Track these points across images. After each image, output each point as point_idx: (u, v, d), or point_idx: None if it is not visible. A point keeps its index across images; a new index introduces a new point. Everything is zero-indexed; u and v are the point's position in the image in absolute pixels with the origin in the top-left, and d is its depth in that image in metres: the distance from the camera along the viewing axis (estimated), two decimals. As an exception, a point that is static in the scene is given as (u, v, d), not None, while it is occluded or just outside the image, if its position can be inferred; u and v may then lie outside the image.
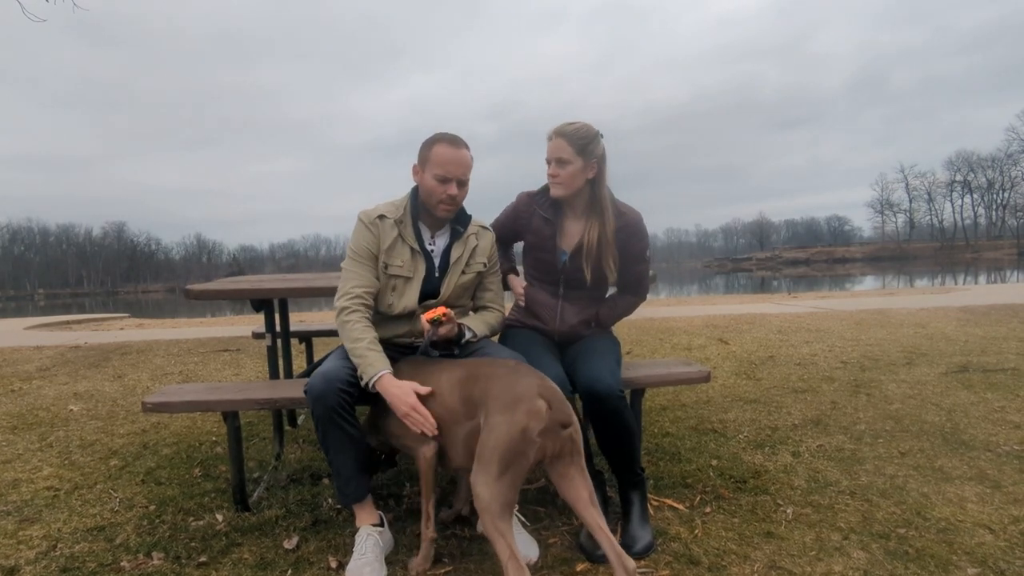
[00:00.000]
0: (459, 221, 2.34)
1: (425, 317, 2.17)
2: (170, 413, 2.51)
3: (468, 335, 2.26)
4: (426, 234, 2.31)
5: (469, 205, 2.41)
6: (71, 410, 4.13)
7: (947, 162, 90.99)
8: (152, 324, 11.80)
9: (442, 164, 2.18)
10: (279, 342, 3.24)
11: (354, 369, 2.06)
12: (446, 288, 2.29)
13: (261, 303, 3.00)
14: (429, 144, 2.24)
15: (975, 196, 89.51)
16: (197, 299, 2.86)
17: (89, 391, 4.72)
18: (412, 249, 2.25)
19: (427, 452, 1.98)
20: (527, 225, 2.47)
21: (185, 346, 6.89)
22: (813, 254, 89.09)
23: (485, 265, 2.38)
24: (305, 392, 2.02)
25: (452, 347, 2.25)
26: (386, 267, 2.24)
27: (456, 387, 1.94)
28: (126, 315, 16.05)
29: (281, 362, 3.34)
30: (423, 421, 1.93)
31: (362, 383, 2.03)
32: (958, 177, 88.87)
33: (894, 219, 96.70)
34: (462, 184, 2.23)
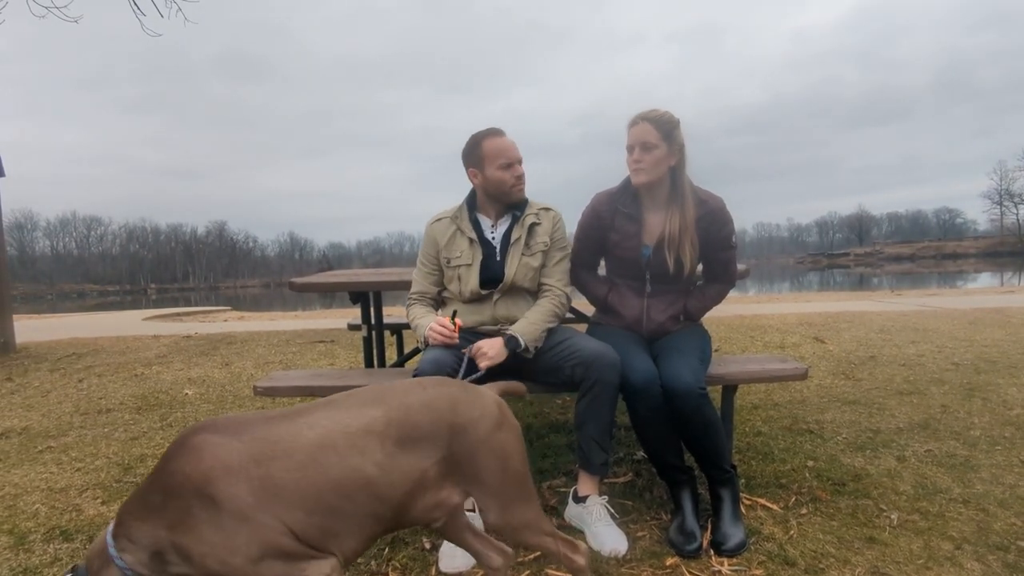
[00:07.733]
0: (516, 207, 2.43)
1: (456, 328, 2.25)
2: (278, 397, 2.67)
3: (521, 345, 2.22)
4: (486, 224, 2.43)
5: (550, 200, 2.51)
6: (186, 394, 4.49)
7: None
8: (252, 316, 12.56)
9: (501, 153, 2.33)
10: (373, 333, 3.39)
11: (461, 356, 2.18)
12: (509, 269, 2.35)
13: (358, 295, 3.15)
14: (475, 145, 2.36)
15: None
16: (301, 291, 3.04)
17: (201, 377, 5.10)
18: (470, 239, 2.38)
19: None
20: (609, 224, 2.43)
21: (283, 337, 7.31)
22: (919, 249, 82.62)
23: (547, 244, 2.40)
24: (414, 377, 2.11)
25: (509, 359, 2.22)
26: (448, 261, 2.40)
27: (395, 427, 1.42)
28: (228, 308, 17.17)
29: (375, 352, 3.48)
30: (443, 331, 2.21)
31: (419, 343, 2.34)
32: (1092, 164, 79.81)
33: (1015, 211, 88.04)
34: (521, 162, 2.38)
